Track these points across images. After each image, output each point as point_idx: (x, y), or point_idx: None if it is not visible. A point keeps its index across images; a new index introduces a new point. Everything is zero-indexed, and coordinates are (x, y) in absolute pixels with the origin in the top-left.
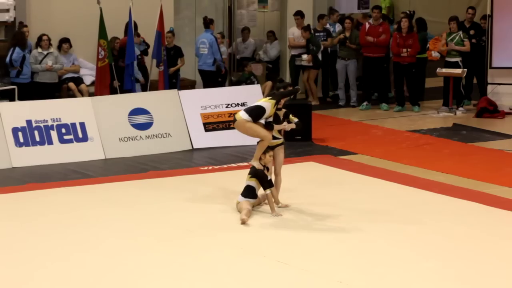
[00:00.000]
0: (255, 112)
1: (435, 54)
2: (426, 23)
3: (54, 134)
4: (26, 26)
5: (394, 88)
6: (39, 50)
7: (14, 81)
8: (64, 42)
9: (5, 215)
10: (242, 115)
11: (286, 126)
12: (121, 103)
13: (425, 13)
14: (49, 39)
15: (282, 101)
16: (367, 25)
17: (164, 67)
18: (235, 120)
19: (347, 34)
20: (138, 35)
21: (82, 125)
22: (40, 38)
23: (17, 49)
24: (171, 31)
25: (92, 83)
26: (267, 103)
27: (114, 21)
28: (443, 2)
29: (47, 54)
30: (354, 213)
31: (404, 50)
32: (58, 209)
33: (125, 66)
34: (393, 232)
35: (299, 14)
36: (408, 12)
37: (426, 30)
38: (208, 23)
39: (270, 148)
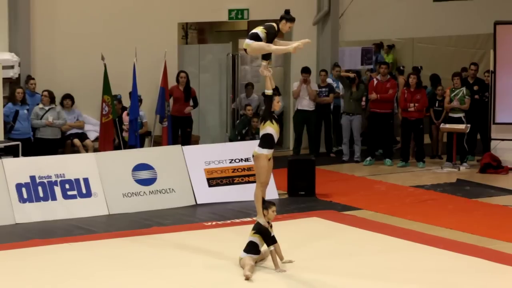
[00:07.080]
0: (268, 142)
1: None
2: (440, 80)
3: (57, 189)
4: (33, 78)
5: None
6: (40, 106)
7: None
8: (65, 98)
9: (8, 272)
10: (258, 150)
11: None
12: (125, 159)
13: (428, 69)
14: (49, 95)
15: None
16: (375, 81)
17: (168, 122)
18: (253, 156)
19: (353, 89)
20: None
21: (86, 180)
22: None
23: (9, 104)
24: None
25: (96, 139)
26: (268, 127)
27: (118, 77)
28: (445, 58)
29: (49, 109)
30: (358, 269)
31: (412, 104)
32: (62, 266)
33: (129, 122)
34: None
35: (308, 72)
36: (401, 68)
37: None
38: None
39: (273, 204)
